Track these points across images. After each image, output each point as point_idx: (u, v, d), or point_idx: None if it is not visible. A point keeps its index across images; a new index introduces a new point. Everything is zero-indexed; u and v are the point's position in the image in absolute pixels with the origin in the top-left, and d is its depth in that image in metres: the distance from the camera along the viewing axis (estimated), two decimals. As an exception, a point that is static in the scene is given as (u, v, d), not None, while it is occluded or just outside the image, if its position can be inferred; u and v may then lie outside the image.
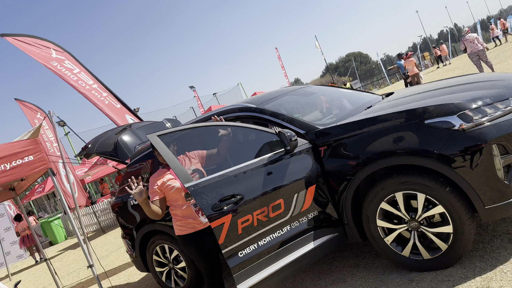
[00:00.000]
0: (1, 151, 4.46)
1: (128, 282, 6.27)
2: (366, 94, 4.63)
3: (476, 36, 11.78)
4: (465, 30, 12.59)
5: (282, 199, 3.21)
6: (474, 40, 11.68)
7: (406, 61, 15.67)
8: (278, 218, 3.20)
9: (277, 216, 3.19)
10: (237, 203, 3.05)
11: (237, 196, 3.06)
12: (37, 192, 20.62)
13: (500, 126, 2.81)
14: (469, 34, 11.92)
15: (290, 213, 3.24)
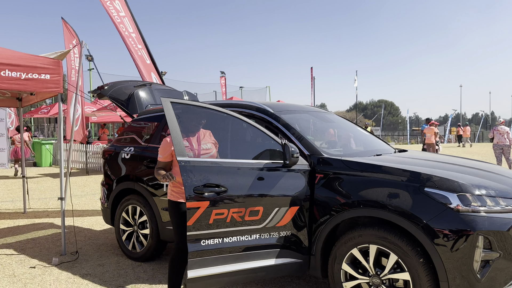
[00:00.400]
0: (22, 60, 4.50)
1: (90, 228, 6.28)
2: (381, 142, 4.61)
3: (508, 130, 11.75)
4: (500, 121, 12.57)
5: (262, 207, 3.20)
6: (504, 134, 11.66)
7: (426, 128, 15.52)
8: (252, 224, 3.19)
9: (252, 221, 3.18)
10: (219, 194, 3.05)
11: (221, 188, 3.06)
12: (41, 112, 20.80)
13: (494, 221, 2.78)
14: (502, 126, 11.88)
15: (264, 223, 3.22)
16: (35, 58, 4.62)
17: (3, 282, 4.08)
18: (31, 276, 4.23)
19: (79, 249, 5.11)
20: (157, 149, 4.49)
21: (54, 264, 4.56)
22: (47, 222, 6.68)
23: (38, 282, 4.05)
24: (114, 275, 4.23)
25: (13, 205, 8.25)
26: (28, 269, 4.42)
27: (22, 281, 4.10)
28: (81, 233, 5.92)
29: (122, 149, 4.96)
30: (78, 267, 4.47)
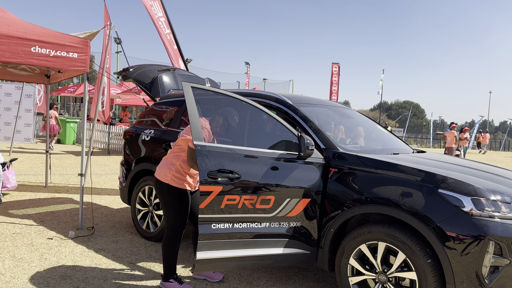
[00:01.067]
0: (51, 37, 4.63)
1: (107, 206, 6.45)
2: (400, 141, 4.57)
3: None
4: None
5: (274, 196, 3.23)
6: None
7: (447, 132, 15.37)
8: (262, 212, 3.23)
9: (263, 209, 3.22)
10: (232, 180, 3.10)
11: (235, 174, 3.11)
12: (68, 91, 21.25)
13: (507, 228, 2.75)
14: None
15: (275, 213, 3.26)
16: (64, 36, 4.75)
17: (21, 249, 4.25)
18: (48, 246, 4.39)
19: (95, 225, 5.26)
20: (176, 133, 4.57)
21: (70, 237, 4.71)
22: (66, 197, 6.88)
23: (54, 253, 4.20)
24: (127, 252, 4.35)
25: (36, 178, 8.52)
26: (46, 240, 4.59)
27: (39, 250, 4.25)
28: (98, 210, 6.08)
29: (143, 131, 5.06)
30: (93, 242, 4.61)
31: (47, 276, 3.64)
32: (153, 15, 9.23)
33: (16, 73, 7.00)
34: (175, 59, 9.18)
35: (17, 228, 4.96)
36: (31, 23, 4.80)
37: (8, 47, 4.40)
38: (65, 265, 3.91)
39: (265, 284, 3.72)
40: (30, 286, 3.42)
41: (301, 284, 3.76)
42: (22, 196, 6.75)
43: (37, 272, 3.70)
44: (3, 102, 15.71)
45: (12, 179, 6.58)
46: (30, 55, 4.52)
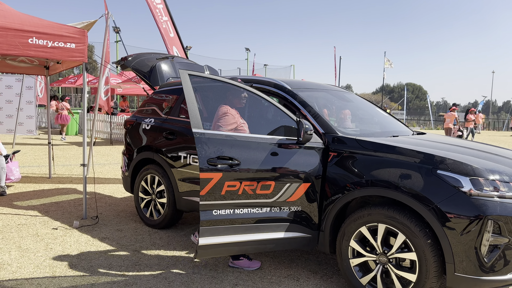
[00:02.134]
0: (48, 28, 4.62)
1: (110, 195, 6.50)
2: (399, 124, 4.57)
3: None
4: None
5: (274, 182, 3.26)
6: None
7: (447, 113, 15.53)
8: (263, 197, 3.26)
9: (263, 195, 3.26)
10: (232, 166, 3.12)
11: (235, 161, 3.13)
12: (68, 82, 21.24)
13: (505, 206, 2.77)
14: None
15: (275, 198, 3.29)
16: (61, 27, 4.73)
17: (27, 240, 4.31)
18: (53, 236, 4.45)
19: (99, 214, 5.32)
20: (177, 121, 4.59)
21: (75, 227, 4.77)
22: (70, 188, 6.94)
23: (60, 243, 4.26)
24: (132, 240, 4.41)
25: (39, 170, 8.58)
26: (51, 230, 4.65)
27: (44, 240, 4.32)
28: (102, 200, 6.14)
29: (143, 120, 5.07)
30: (98, 231, 4.67)
31: (53, 265, 3.70)
32: (151, 2, 9.16)
33: (15, 65, 7.01)
34: (170, 47, 9.13)
35: (22, 219, 5.02)
36: (27, 15, 4.79)
37: (5, 39, 4.39)
38: (70, 254, 3.97)
39: (268, 268, 3.77)
40: (36, 275, 3.48)
41: (303, 267, 3.81)
42: (26, 188, 6.81)
43: (43, 262, 3.76)
44: (4, 94, 15.71)
45: (15, 171, 6.64)
46: (28, 46, 4.52)
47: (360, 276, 3.21)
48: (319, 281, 3.53)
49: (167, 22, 9.22)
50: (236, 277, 3.56)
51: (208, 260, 3.90)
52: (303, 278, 3.58)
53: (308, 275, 3.66)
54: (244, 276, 3.58)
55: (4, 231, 4.58)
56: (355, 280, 3.23)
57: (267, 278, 3.56)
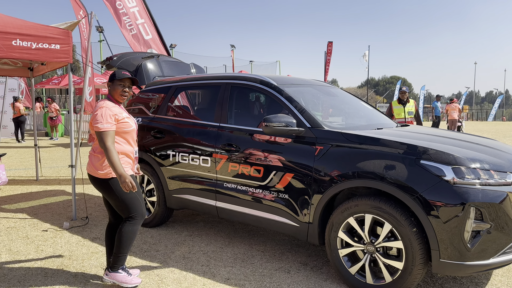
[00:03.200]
0: (32, 30, 4.59)
1: (99, 195, 6.49)
2: (384, 116, 4.66)
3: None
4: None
5: (262, 168, 3.74)
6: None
7: (449, 105, 16.32)
8: (255, 180, 3.80)
9: (255, 177, 3.81)
10: (233, 151, 3.90)
11: (235, 146, 3.87)
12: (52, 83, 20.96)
13: (486, 193, 2.87)
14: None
15: (265, 182, 3.75)
16: (45, 28, 4.71)
17: (17, 243, 4.30)
18: (43, 238, 4.44)
19: (89, 215, 5.32)
20: (164, 120, 4.62)
21: (65, 228, 4.77)
22: (58, 189, 6.91)
23: (50, 244, 4.26)
24: (122, 239, 4.43)
25: (26, 172, 8.50)
26: (41, 232, 4.64)
27: (35, 242, 4.31)
28: (91, 200, 6.13)
29: (131, 120, 5.07)
30: (88, 231, 4.67)
31: (44, 267, 3.70)
32: (116, 9, 8.80)
33: (-1, 67, 6.93)
34: (145, 50, 8.87)
35: (11, 222, 5.00)
36: (10, 16, 4.75)
37: (-12, 41, 4.36)
38: (61, 255, 3.98)
39: (259, 262, 3.83)
40: (28, 278, 3.49)
41: (294, 260, 3.88)
42: (14, 191, 6.76)
43: (34, 264, 3.77)
44: (-14, 97, 15.49)
45: (2, 174, 6.58)
46: (11, 48, 4.49)
47: (349, 266, 3.29)
48: (309, 273, 3.61)
49: (143, 25, 8.96)
50: (228, 271, 3.61)
51: (200, 256, 3.94)
52: (294, 270, 3.65)
53: (298, 267, 3.73)
54: (236, 270, 3.64)
55: (-7, 234, 4.56)
56: (344, 270, 3.31)
57: (258, 271, 3.63)
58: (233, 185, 3.95)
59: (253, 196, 3.82)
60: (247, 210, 3.88)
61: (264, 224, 3.83)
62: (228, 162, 3.95)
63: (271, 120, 3.52)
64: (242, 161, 3.84)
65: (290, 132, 3.55)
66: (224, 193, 4.03)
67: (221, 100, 4.25)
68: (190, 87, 4.78)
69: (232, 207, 3.99)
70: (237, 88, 4.24)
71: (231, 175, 3.94)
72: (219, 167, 4.04)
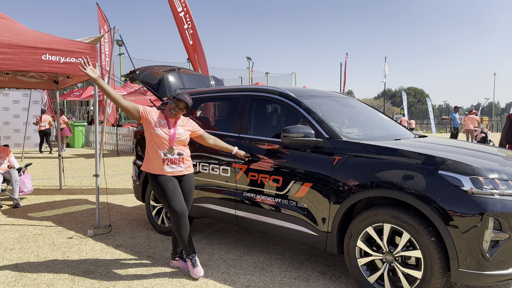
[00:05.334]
0: (60, 44, 4.81)
1: (121, 204, 6.66)
2: (401, 127, 4.71)
3: None
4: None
5: (281, 177, 3.84)
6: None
7: (467, 116, 16.66)
8: (274, 189, 3.90)
9: (274, 187, 3.90)
10: (252, 161, 4.05)
11: (254, 156, 4.04)
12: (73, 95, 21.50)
13: (505, 203, 2.90)
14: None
15: (284, 191, 3.84)
16: (72, 43, 4.92)
17: (44, 249, 4.46)
18: (69, 245, 4.59)
19: (112, 223, 5.47)
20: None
21: (89, 236, 4.92)
22: (81, 198, 7.10)
23: (76, 251, 4.41)
24: (145, 246, 4.55)
25: (49, 182, 8.75)
26: (66, 239, 4.80)
27: (61, 249, 4.46)
28: (113, 209, 6.29)
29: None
30: (111, 239, 4.81)
31: (71, 272, 3.84)
32: (175, 10, 9.26)
33: (26, 80, 7.21)
34: (192, 54, 9.30)
35: (38, 230, 5.17)
36: (40, 32, 4.98)
37: (20, 56, 4.58)
38: (87, 261, 4.12)
39: (278, 270, 3.90)
40: (56, 282, 3.62)
41: (312, 269, 3.94)
42: (39, 200, 6.97)
43: (61, 269, 3.90)
44: (11, 109, 16.01)
45: (28, 183, 6.81)
46: (41, 63, 4.71)
47: (367, 275, 3.34)
48: (328, 282, 3.66)
49: (188, 30, 9.35)
50: (247, 279, 3.69)
51: (220, 264, 4.03)
52: (313, 279, 3.71)
53: (317, 276, 3.78)
54: (256, 278, 3.71)
55: (21, 241, 4.73)
56: (363, 279, 3.35)
57: (277, 279, 3.69)
58: (253, 194, 4.05)
59: (272, 205, 3.90)
60: (266, 219, 3.96)
61: (283, 233, 3.89)
62: (248, 171, 4.05)
63: (290, 131, 3.62)
64: (261, 170, 3.94)
65: (308, 142, 3.63)
66: (244, 202, 4.13)
67: (241, 111, 4.37)
68: (210, 99, 4.92)
69: (252, 216, 4.08)
70: (256, 99, 4.35)
71: (251, 184, 4.04)
72: (238, 177, 4.14)
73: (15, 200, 6.39)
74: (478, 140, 16.01)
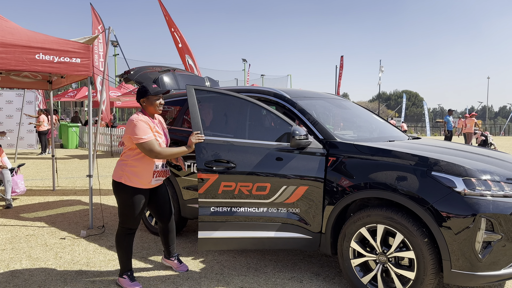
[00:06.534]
0: (54, 44, 4.78)
1: (114, 205, 6.62)
2: (395, 129, 4.73)
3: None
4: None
5: (269, 184, 3.50)
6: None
7: (467, 119, 17.23)
8: (259, 198, 3.50)
9: (259, 195, 3.50)
10: (228, 169, 3.39)
11: (231, 164, 3.40)
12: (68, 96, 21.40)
13: (497, 205, 2.91)
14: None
15: (272, 199, 3.53)
16: (66, 43, 4.90)
17: (36, 250, 4.42)
18: (61, 246, 4.56)
19: (105, 224, 5.44)
20: (180, 131, 4.75)
21: (82, 236, 4.89)
22: (74, 199, 7.06)
23: (68, 252, 4.38)
24: (138, 247, 4.53)
25: (43, 183, 8.69)
26: (59, 240, 4.77)
27: (53, 250, 4.43)
28: (107, 210, 6.26)
29: (147, 131, 5.21)
30: (105, 240, 4.78)
31: (63, 273, 3.81)
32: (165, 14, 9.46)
33: (19, 80, 7.17)
34: (182, 57, 9.48)
35: (30, 230, 5.14)
36: (33, 31, 4.96)
37: (13, 55, 4.56)
38: (80, 262, 4.09)
39: (272, 271, 3.89)
40: (48, 283, 3.59)
41: (306, 270, 3.94)
42: (32, 200, 6.92)
43: (53, 270, 3.88)
44: (4, 109, 15.91)
45: (20, 184, 6.76)
46: (35, 62, 4.68)
47: (361, 276, 3.34)
48: (321, 283, 3.66)
49: (174, 33, 9.49)
50: (241, 280, 3.68)
51: (214, 265, 4.02)
52: (306, 280, 3.71)
53: (311, 277, 3.78)
54: (249, 279, 3.70)
55: (13, 241, 4.69)
56: (356, 280, 3.36)
57: (271, 280, 3.69)
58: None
59: (264, 213, 3.58)
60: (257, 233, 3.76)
61: (280, 245, 3.62)
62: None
63: (298, 133, 3.51)
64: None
65: (303, 144, 3.62)
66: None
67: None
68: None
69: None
70: (251, 101, 4.34)
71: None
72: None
73: (7, 201, 6.34)
74: (479, 143, 16.30)
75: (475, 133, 17.16)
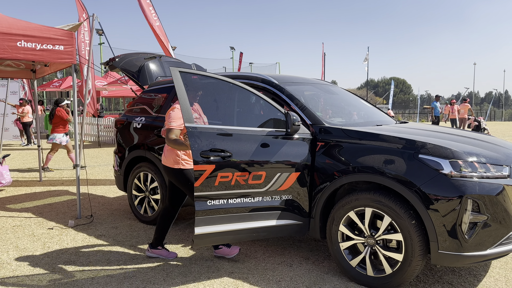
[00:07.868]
0: (36, 31, 4.67)
1: (103, 195, 6.57)
2: (382, 113, 4.75)
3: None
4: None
5: (265, 172, 3.39)
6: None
7: (461, 105, 17.62)
8: (255, 187, 3.39)
9: (255, 185, 3.39)
10: (224, 158, 3.25)
11: (227, 153, 3.26)
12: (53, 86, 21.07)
13: (483, 186, 2.95)
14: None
15: (266, 187, 3.43)
16: (49, 30, 4.79)
17: (23, 240, 4.38)
18: (49, 236, 4.52)
19: (94, 214, 5.39)
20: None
21: (70, 226, 4.85)
22: (62, 190, 6.99)
23: (56, 241, 4.34)
24: (127, 236, 4.51)
25: (29, 174, 8.58)
26: (47, 230, 4.72)
27: (41, 240, 4.39)
28: (95, 200, 6.21)
29: (134, 119, 5.16)
30: (93, 229, 4.75)
31: (52, 262, 3.78)
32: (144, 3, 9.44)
33: (2, 69, 7.01)
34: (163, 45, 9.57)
35: (17, 221, 5.07)
36: (15, 18, 4.83)
37: (-6, 43, 4.44)
38: (68, 251, 4.06)
39: (262, 256, 3.91)
40: (36, 272, 3.56)
41: (296, 254, 3.96)
42: (18, 191, 6.83)
43: (41, 260, 3.84)
44: (-12, 100, 15.57)
45: (6, 175, 6.66)
46: (16, 49, 4.57)
47: (350, 259, 3.37)
48: (311, 266, 3.68)
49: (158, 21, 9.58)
50: (231, 265, 3.68)
51: (204, 251, 4.02)
52: (296, 264, 3.73)
53: (300, 261, 3.81)
54: (240, 264, 3.71)
55: (0, 232, 4.63)
56: (345, 263, 3.39)
57: (261, 265, 3.70)
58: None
59: (259, 203, 3.52)
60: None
61: (274, 233, 3.55)
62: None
63: (295, 120, 3.45)
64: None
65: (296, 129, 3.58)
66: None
67: (223, 99, 4.31)
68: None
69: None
70: (239, 87, 4.30)
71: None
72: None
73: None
74: (472, 128, 16.67)
75: (469, 118, 17.52)
